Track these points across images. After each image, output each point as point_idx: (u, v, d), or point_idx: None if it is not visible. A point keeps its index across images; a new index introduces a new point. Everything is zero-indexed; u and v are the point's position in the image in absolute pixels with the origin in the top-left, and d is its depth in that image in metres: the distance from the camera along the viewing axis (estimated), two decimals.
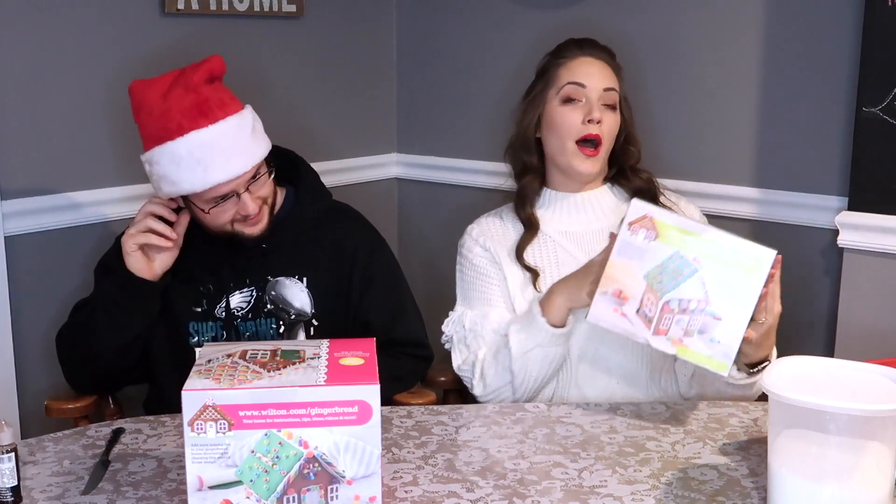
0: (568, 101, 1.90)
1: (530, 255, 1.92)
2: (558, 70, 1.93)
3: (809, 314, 2.28)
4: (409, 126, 3.00)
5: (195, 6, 2.43)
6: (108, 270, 1.92)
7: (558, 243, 1.93)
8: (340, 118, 2.86)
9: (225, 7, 2.50)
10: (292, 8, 2.65)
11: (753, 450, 1.54)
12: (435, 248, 2.98)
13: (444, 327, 1.95)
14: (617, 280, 1.57)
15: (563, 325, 1.76)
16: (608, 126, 1.90)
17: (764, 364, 1.68)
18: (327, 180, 2.07)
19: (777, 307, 1.60)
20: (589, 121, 1.87)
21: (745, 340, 1.56)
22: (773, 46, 2.26)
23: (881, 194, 2.09)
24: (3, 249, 2.18)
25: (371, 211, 2.15)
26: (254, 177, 1.81)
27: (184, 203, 1.85)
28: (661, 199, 1.96)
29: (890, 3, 2.02)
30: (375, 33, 2.92)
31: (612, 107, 1.91)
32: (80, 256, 2.30)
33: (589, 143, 1.89)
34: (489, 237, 1.96)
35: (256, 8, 2.57)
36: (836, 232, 2.17)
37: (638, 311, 1.55)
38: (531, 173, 1.98)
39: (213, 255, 1.91)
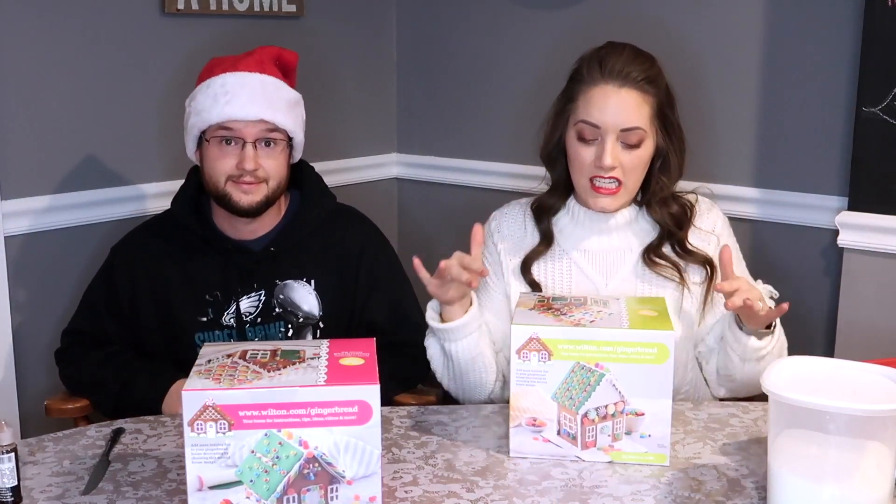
0: (581, 138, 1.75)
1: (541, 268, 1.84)
2: (576, 98, 1.76)
3: (809, 314, 2.28)
4: (409, 126, 3.00)
5: (195, 6, 2.43)
6: (94, 307, 1.97)
7: (574, 261, 1.83)
8: (340, 118, 2.86)
9: (225, 7, 2.50)
10: (292, 8, 2.65)
11: (753, 450, 1.54)
12: (435, 248, 2.98)
13: None
14: (526, 409, 1.49)
15: (442, 322, 1.73)
16: (629, 165, 1.74)
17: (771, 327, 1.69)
18: (327, 180, 2.07)
19: (755, 292, 1.58)
20: (599, 167, 1.73)
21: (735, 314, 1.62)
22: (774, 46, 2.27)
23: (881, 194, 2.09)
24: (3, 249, 2.18)
25: (371, 211, 2.15)
26: (267, 143, 1.85)
27: (198, 155, 1.89)
28: (690, 233, 1.82)
29: (890, 3, 2.02)
30: (375, 33, 2.92)
31: (634, 145, 1.73)
32: (80, 256, 2.30)
33: (605, 181, 1.74)
34: (504, 238, 1.88)
35: (256, 8, 2.57)
36: (836, 232, 2.17)
37: (559, 432, 1.49)
38: (555, 188, 1.87)
39: (221, 260, 1.91)
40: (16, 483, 1.36)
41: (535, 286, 1.83)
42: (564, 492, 1.40)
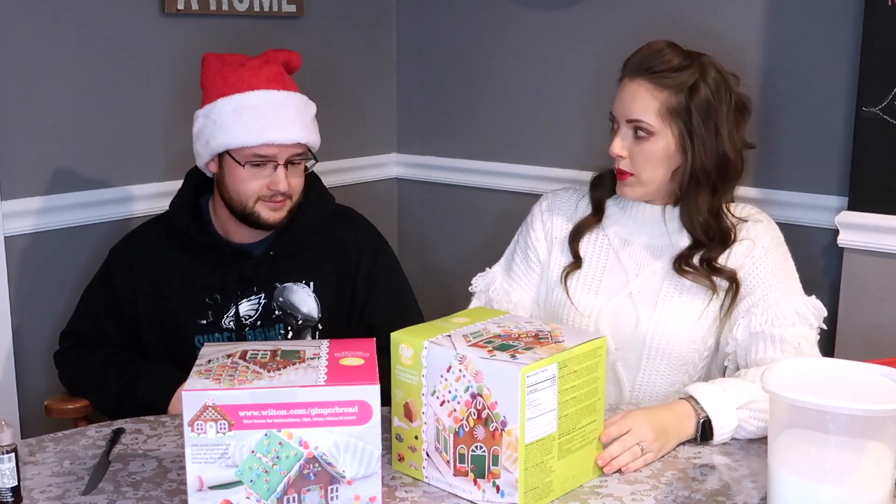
0: (612, 129, 1.80)
1: (586, 245, 1.88)
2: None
3: None
4: (409, 126, 3.00)
5: (195, 6, 2.43)
6: (93, 309, 1.96)
7: (612, 247, 1.87)
8: (340, 118, 2.85)
9: (225, 7, 2.50)
10: (292, 8, 2.65)
11: (753, 450, 1.54)
12: (435, 248, 2.98)
13: (475, 278, 1.98)
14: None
15: None
16: (638, 157, 1.76)
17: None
18: (327, 180, 2.07)
19: (649, 457, 1.49)
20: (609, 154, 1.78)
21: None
22: (773, 46, 2.26)
23: (881, 194, 2.09)
24: (3, 249, 2.18)
25: (371, 211, 2.15)
26: (293, 162, 1.85)
27: (218, 170, 1.86)
28: (722, 255, 1.78)
29: (890, 3, 2.02)
30: (375, 33, 2.92)
31: (642, 138, 1.75)
32: (80, 256, 2.30)
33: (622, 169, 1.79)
34: (554, 214, 1.93)
35: (256, 8, 2.57)
36: (836, 232, 2.17)
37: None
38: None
39: (220, 264, 1.91)
40: (16, 483, 1.36)
41: (577, 258, 1.86)
42: None
